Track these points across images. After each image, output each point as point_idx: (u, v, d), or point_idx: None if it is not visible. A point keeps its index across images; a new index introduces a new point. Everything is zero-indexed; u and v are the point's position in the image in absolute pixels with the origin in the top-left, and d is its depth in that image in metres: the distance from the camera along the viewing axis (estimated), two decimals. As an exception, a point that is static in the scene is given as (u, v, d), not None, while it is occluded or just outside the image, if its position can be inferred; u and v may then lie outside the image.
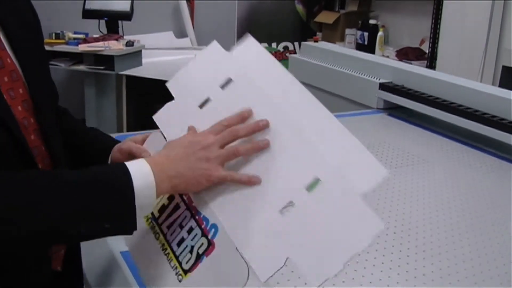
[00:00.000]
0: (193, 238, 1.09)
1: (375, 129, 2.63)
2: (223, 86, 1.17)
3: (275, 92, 1.10)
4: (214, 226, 1.07)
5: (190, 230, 1.10)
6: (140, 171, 1.03)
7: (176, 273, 1.08)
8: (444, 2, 4.55)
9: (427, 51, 4.94)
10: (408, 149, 2.33)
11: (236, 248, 1.02)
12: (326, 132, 1.03)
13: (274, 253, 0.98)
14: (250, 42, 1.20)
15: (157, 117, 1.25)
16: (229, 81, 1.17)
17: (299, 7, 6.27)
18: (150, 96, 5.38)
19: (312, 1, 6.27)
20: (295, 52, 6.21)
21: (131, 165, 1.04)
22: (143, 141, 1.31)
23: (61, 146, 1.30)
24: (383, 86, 2.87)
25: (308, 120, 1.05)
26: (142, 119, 5.40)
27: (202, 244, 1.07)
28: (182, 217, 1.13)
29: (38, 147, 1.18)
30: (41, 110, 1.20)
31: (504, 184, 2.03)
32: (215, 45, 1.26)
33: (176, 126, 1.18)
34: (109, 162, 1.34)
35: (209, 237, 1.06)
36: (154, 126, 1.29)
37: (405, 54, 5.12)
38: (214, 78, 1.19)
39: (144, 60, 4.46)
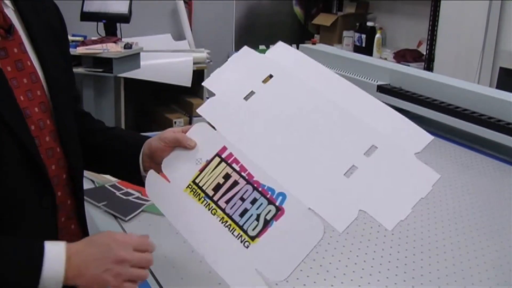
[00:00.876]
0: (258, 207, 1.18)
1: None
2: (264, 81, 1.29)
3: (316, 83, 1.25)
4: (282, 194, 1.17)
5: (253, 201, 1.19)
6: (55, 259, 1.04)
7: (242, 241, 1.16)
8: (441, 4, 4.55)
9: (424, 53, 4.95)
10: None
11: (309, 208, 1.13)
12: (371, 109, 1.20)
13: (346, 207, 1.10)
14: (281, 45, 1.35)
15: (202, 110, 1.33)
16: (270, 76, 1.30)
17: (297, 9, 6.29)
18: (148, 98, 5.40)
19: (310, 3, 6.28)
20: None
21: (49, 251, 1.04)
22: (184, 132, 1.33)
23: (79, 148, 1.32)
24: (381, 88, 2.87)
25: (352, 101, 1.22)
26: (141, 121, 5.42)
27: (270, 210, 1.17)
28: (242, 191, 1.21)
29: (53, 149, 1.20)
30: (59, 112, 1.22)
31: (501, 185, 2.05)
32: (247, 49, 1.38)
33: (224, 117, 1.29)
34: (141, 155, 1.36)
35: (277, 204, 1.16)
36: (152, 129, 1.32)
37: (402, 56, 5.13)
38: (254, 75, 1.31)
39: (142, 63, 4.46)
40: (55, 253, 1.04)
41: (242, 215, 1.19)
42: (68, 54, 1.41)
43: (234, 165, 1.23)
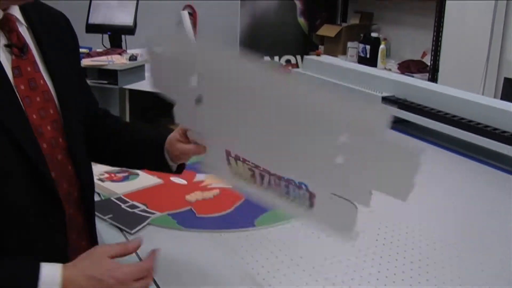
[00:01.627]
0: (294, 191, 1.20)
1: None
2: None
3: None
4: (302, 183, 1.17)
5: (287, 186, 1.20)
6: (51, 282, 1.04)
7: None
8: (445, 15, 4.56)
9: (429, 64, 4.96)
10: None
11: (332, 193, 1.12)
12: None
13: (360, 187, 1.09)
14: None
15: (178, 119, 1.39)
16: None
17: (301, 20, 6.30)
18: (153, 110, 5.40)
19: (314, 14, 6.29)
20: (297, 66, 6.22)
21: (44, 273, 1.04)
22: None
23: (90, 165, 1.34)
24: (385, 100, 2.88)
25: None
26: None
27: (304, 194, 1.18)
28: (272, 180, 1.23)
29: (65, 166, 1.22)
30: (70, 130, 1.23)
31: (505, 196, 2.04)
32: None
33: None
34: (165, 152, 1.41)
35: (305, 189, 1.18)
36: None
37: (407, 67, 5.13)
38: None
39: (147, 74, 4.48)
40: (50, 278, 1.04)
41: (287, 194, 1.21)
42: (80, 67, 1.43)
43: (247, 162, 1.24)
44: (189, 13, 5.63)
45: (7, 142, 1.09)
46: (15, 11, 1.21)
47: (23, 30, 1.22)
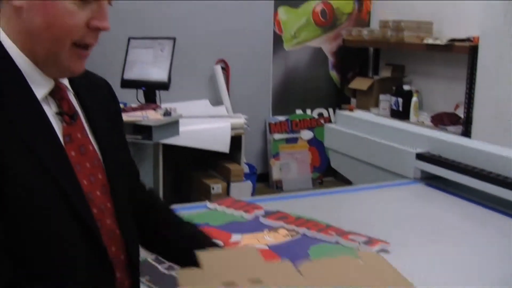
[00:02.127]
0: None
1: (412, 200, 2.63)
2: None
3: None
4: None
5: None
6: None
7: None
8: (477, 66, 4.56)
9: (462, 116, 4.94)
10: (447, 220, 2.32)
11: None
12: None
13: None
14: None
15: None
16: None
17: (333, 74, 6.34)
18: (186, 163, 5.45)
19: (346, 67, 6.34)
20: (329, 118, 6.25)
21: None
22: None
23: (135, 229, 1.35)
24: (420, 156, 2.87)
25: None
26: (178, 186, 5.46)
27: None
28: None
29: (113, 231, 1.24)
30: (117, 195, 1.26)
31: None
32: None
33: None
34: None
35: None
36: (190, 194, 1.37)
37: (440, 120, 5.12)
38: None
39: (180, 129, 4.52)
40: None
41: None
42: (123, 133, 1.46)
43: None
44: (222, 67, 5.71)
45: (65, 209, 1.12)
46: (64, 79, 1.25)
47: (71, 96, 1.26)
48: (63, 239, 1.12)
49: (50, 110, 1.19)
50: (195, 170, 5.40)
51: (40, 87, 1.17)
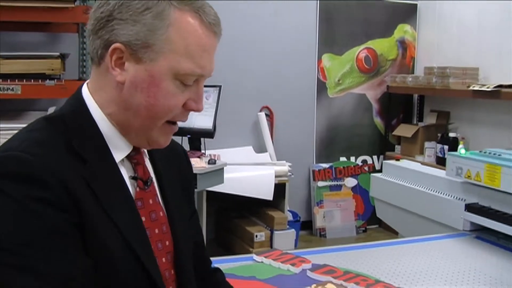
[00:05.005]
0: None
1: (463, 254, 2.57)
2: None
3: None
4: None
5: None
6: None
7: None
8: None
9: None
10: (499, 277, 2.26)
11: None
12: None
13: None
14: None
15: None
16: None
17: (377, 120, 6.31)
18: (230, 211, 5.45)
19: (390, 114, 6.30)
20: (373, 166, 6.19)
21: None
22: None
23: None
24: (469, 208, 2.82)
25: None
26: (221, 234, 5.45)
27: None
28: None
29: None
30: (182, 263, 1.26)
31: None
32: None
33: None
34: None
35: None
36: (233, 242, 1.37)
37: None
38: None
39: (225, 176, 4.52)
40: None
41: None
42: (193, 199, 1.46)
43: None
44: (266, 114, 5.73)
45: (142, 275, 1.13)
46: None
47: (147, 162, 1.27)
48: None
49: (125, 174, 1.20)
50: (239, 217, 5.39)
51: (119, 151, 1.19)
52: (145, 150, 1.27)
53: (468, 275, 2.28)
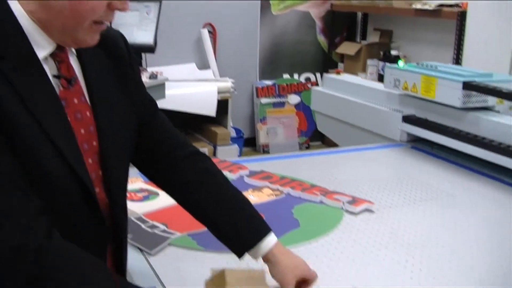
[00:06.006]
0: None
1: (398, 163, 2.63)
2: None
3: None
4: None
5: None
6: None
7: None
8: (465, 32, 4.54)
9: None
10: (432, 183, 2.32)
11: None
12: None
13: None
14: None
15: None
16: None
17: (321, 38, 6.30)
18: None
19: (334, 32, 6.30)
20: (317, 83, 6.22)
21: None
22: None
23: (124, 200, 1.34)
24: (406, 119, 2.87)
25: None
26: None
27: None
28: None
29: (102, 199, 1.22)
30: (109, 164, 1.23)
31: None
32: None
33: None
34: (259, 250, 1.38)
35: None
36: None
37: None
38: None
39: (167, 92, 4.48)
40: None
41: None
42: (139, 82, 1.40)
43: None
44: (209, 31, 5.66)
45: (66, 172, 1.11)
46: None
47: (74, 59, 1.22)
48: (66, 200, 1.13)
49: (49, 72, 1.15)
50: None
51: (42, 48, 1.13)
52: (72, 49, 1.22)
53: (402, 181, 2.34)
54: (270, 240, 1.38)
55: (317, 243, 1.74)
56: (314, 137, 6.10)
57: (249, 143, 5.93)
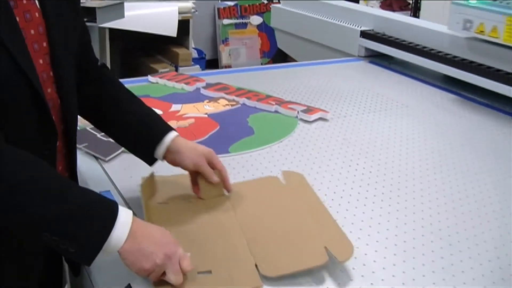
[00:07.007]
0: None
1: (355, 76, 2.65)
2: None
3: None
4: None
5: None
6: (125, 225, 1.08)
7: None
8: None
9: (410, 2, 4.94)
10: (388, 95, 2.35)
11: None
12: None
13: None
14: None
15: None
16: None
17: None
18: (132, 49, 5.37)
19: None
20: (279, 3, 6.15)
21: (122, 214, 1.09)
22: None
23: (75, 101, 1.32)
24: (364, 34, 2.88)
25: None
26: (126, 72, 5.40)
27: None
28: None
29: (54, 100, 1.21)
30: (59, 65, 1.22)
31: (479, 126, 2.07)
32: None
33: None
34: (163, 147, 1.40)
35: None
36: None
37: (389, 5, 5.12)
38: None
39: (126, 13, 4.40)
40: (124, 218, 1.09)
41: None
42: (77, 2, 1.39)
43: None
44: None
45: (13, 70, 1.09)
46: None
47: None
48: (15, 104, 1.11)
49: None
50: (143, 56, 5.34)
51: None
52: None
53: (358, 92, 2.36)
54: (172, 133, 1.42)
55: (270, 149, 1.77)
56: (276, 58, 6.08)
57: (212, 65, 5.90)
